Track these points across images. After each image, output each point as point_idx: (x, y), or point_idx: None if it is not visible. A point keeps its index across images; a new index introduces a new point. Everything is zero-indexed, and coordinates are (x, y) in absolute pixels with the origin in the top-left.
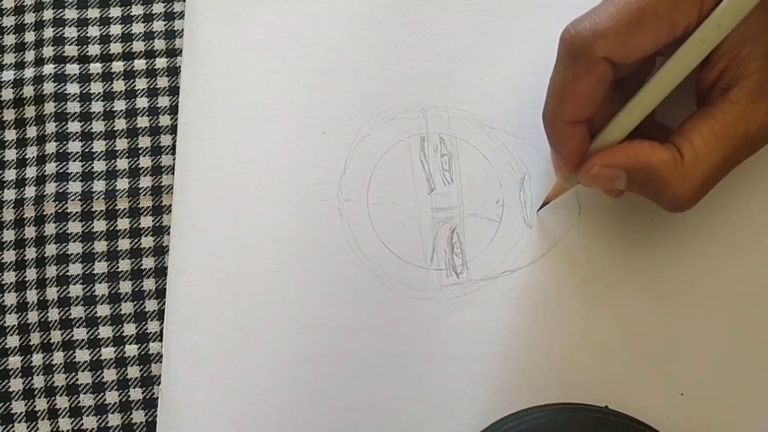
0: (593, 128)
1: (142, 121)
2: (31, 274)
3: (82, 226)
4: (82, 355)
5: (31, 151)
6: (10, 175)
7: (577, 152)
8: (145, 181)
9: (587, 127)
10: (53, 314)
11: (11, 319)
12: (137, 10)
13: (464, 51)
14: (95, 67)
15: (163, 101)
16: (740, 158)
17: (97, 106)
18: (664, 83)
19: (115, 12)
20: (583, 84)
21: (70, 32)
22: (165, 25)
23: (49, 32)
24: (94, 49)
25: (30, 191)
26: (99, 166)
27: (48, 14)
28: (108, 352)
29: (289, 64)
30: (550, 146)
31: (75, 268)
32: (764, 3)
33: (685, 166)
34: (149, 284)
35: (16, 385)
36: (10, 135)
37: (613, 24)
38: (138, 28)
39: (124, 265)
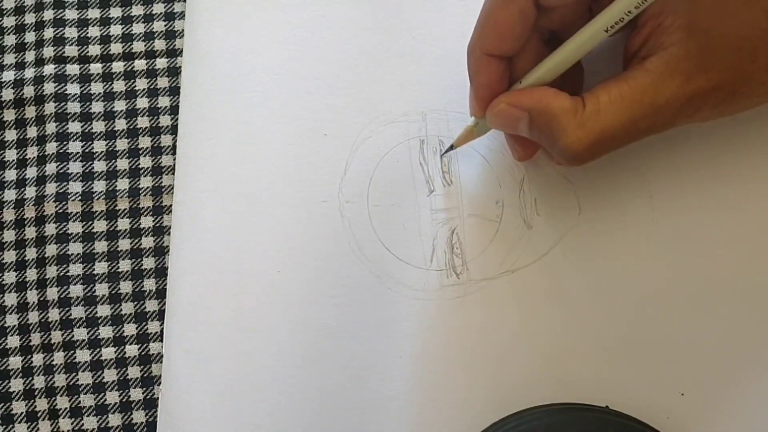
0: (515, 76)
1: (143, 122)
2: (31, 274)
3: (83, 227)
4: (83, 356)
5: (32, 152)
6: (11, 175)
7: (489, 87)
8: (146, 182)
9: (505, 67)
10: (54, 314)
11: (12, 320)
12: (137, 10)
13: (463, 55)
14: (95, 68)
15: (164, 101)
16: (642, 129)
17: (97, 107)
18: (584, 38)
19: (116, 12)
20: (503, 13)
21: (71, 32)
22: (165, 26)
23: (49, 32)
24: (94, 50)
25: (30, 191)
26: (99, 166)
27: (48, 14)
28: (108, 353)
29: (290, 66)
30: (469, 79)
31: (75, 269)
32: None
33: (584, 116)
34: (149, 284)
35: (16, 385)
36: (11, 135)
37: None
38: (138, 28)
39: (125, 265)
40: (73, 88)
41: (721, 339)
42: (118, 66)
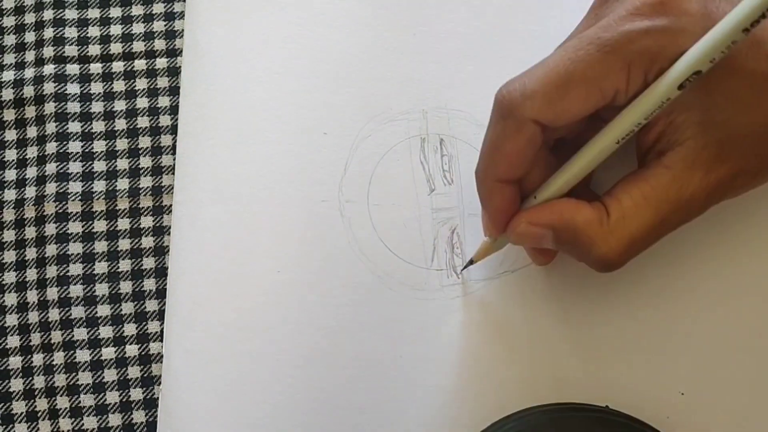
0: (526, 190)
1: (143, 122)
2: (31, 274)
3: (83, 227)
4: (83, 356)
5: (32, 152)
6: (11, 175)
7: (504, 212)
8: (146, 181)
9: (517, 189)
10: (54, 314)
11: (12, 320)
12: (137, 10)
13: (464, 52)
14: (95, 68)
15: (164, 101)
16: (672, 224)
17: (97, 107)
18: (594, 152)
19: (116, 12)
20: (511, 143)
21: (71, 32)
22: (165, 26)
23: (49, 32)
24: (94, 50)
25: (30, 191)
26: (99, 166)
27: (48, 14)
28: (108, 353)
29: (290, 65)
30: (481, 204)
31: (75, 269)
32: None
33: (610, 225)
34: (149, 284)
35: (16, 385)
36: (11, 135)
37: (541, 87)
38: (138, 28)
39: (125, 265)
40: (73, 88)
41: (721, 339)
42: (118, 66)
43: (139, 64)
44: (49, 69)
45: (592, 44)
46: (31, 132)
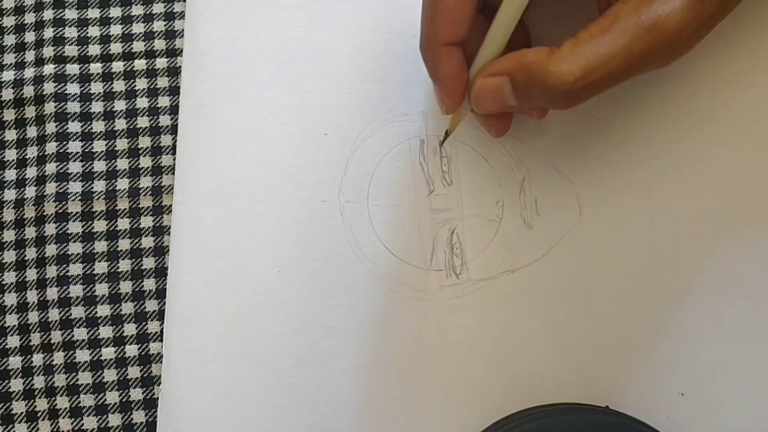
0: (469, 55)
1: (143, 121)
2: (31, 274)
3: (83, 227)
4: (83, 356)
5: (32, 151)
6: (10, 175)
7: (457, 77)
8: (146, 181)
9: (463, 53)
10: (53, 314)
11: (11, 320)
12: (137, 10)
13: None
14: (95, 67)
15: (164, 101)
16: (640, 51)
17: (97, 106)
18: None
19: (116, 12)
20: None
21: (71, 32)
22: (165, 25)
23: (49, 32)
24: (94, 49)
25: (30, 191)
26: (99, 166)
27: (48, 14)
28: (108, 353)
29: (290, 66)
30: (431, 77)
31: (75, 269)
32: None
33: (561, 51)
34: (149, 284)
35: (16, 385)
36: (11, 135)
37: None
38: (138, 28)
39: (125, 265)
40: (72, 88)
41: (721, 339)
42: (117, 66)
43: (139, 64)
44: (49, 69)
45: None
46: (31, 132)
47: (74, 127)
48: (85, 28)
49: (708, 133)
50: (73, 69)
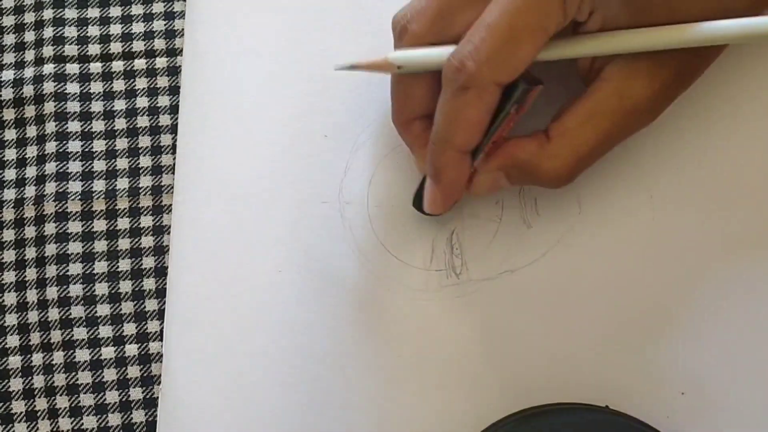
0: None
1: (142, 121)
2: (31, 273)
3: (82, 226)
4: (82, 355)
5: (31, 151)
6: (10, 174)
7: (460, 183)
8: (145, 181)
9: (470, 158)
10: (53, 314)
11: (11, 319)
12: (137, 9)
13: None
14: (95, 67)
15: (163, 101)
16: (619, 134)
17: (97, 106)
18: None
19: (115, 11)
20: (474, 111)
21: (70, 32)
22: (165, 25)
23: (48, 32)
24: (94, 49)
25: (30, 191)
26: (99, 165)
27: (48, 14)
28: (108, 352)
29: (291, 66)
30: (435, 181)
31: (75, 268)
32: None
33: (551, 147)
34: (149, 284)
35: (16, 384)
36: (10, 135)
37: (494, 49)
38: (138, 27)
39: (124, 264)
40: (72, 88)
41: (722, 339)
42: (117, 65)
43: (139, 64)
44: (48, 68)
45: None
46: (31, 131)
47: (74, 126)
48: (84, 28)
49: (708, 133)
50: (72, 68)
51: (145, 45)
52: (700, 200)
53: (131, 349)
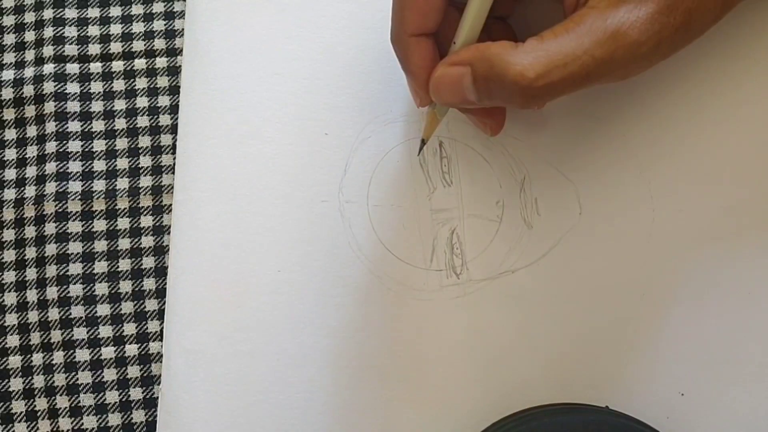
0: (442, 49)
1: (142, 121)
2: (31, 273)
3: (82, 226)
4: (82, 355)
5: (31, 151)
6: (10, 174)
7: (426, 69)
8: (146, 181)
9: (434, 43)
10: (53, 314)
11: (11, 319)
12: (137, 9)
13: None
14: (95, 67)
15: (163, 101)
16: (602, 57)
17: (97, 106)
18: None
19: (115, 11)
20: None
21: (70, 32)
22: (165, 25)
23: (49, 31)
24: (94, 49)
25: (30, 191)
26: (99, 165)
27: (48, 13)
28: (108, 352)
29: (290, 66)
30: (403, 69)
31: (75, 268)
32: None
33: (525, 46)
34: (149, 284)
35: (16, 384)
36: (10, 134)
37: None
38: (138, 27)
39: (124, 264)
40: (72, 87)
41: (721, 339)
42: (117, 65)
43: (139, 64)
44: (48, 68)
45: None
46: (31, 131)
47: (74, 126)
48: (84, 28)
49: (708, 133)
50: (72, 68)
51: (145, 45)
52: (700, 200)
53: (131, 349)
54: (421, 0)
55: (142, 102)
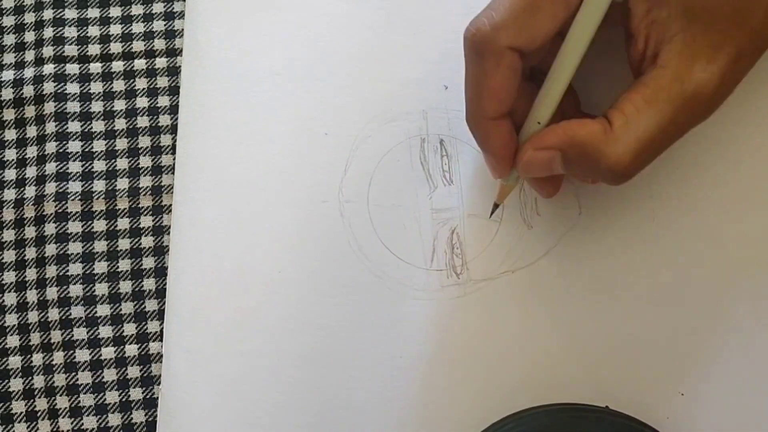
0: (517, 120)
1: (142, 121)
2: (31, 274)
3: (82, 226)
4: (82, 355)
5: (31, 151)
6: (10, 174)
7: (506, 147)
8: (145, 181)
9: (511, 121)
10: (53, 314)
11: (11, 319)
12: (137, 9)
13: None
14: (95, 67)
15: (163, 101)
16: (682, 124)
17: (97, 106)
18: (569, 54)
19: (115, 12)
20: (495, 78)
21: (70, 32)
22: (165, 25)
23: (48, 32)
24: (94, 49)
25: (30, 191)
26: (99, 165)
27: (48, 14)
28: (108, 352)
29: (290, 65)
30: (481, 149)
31: (75, 268)
32: None
33: (615, 132)
34: (149, 284)
35: (16, 385)
36: (10, 135)
37: (510, 14)
38: (138, 27)
39: (124, 265)
40: (72, 88)
41: (721, 339)
42: (117, 65)
43: (139, 64)
44: (48, 68)
45: None
46: (31, 131)
47: (74, 126)
48: (84, 28)
49: (708, 133)
50: (72, 69)
51: (145, 45)
52: (700, 200)
53: (131, 350)
54: (498, 86)
55: (142, 102)
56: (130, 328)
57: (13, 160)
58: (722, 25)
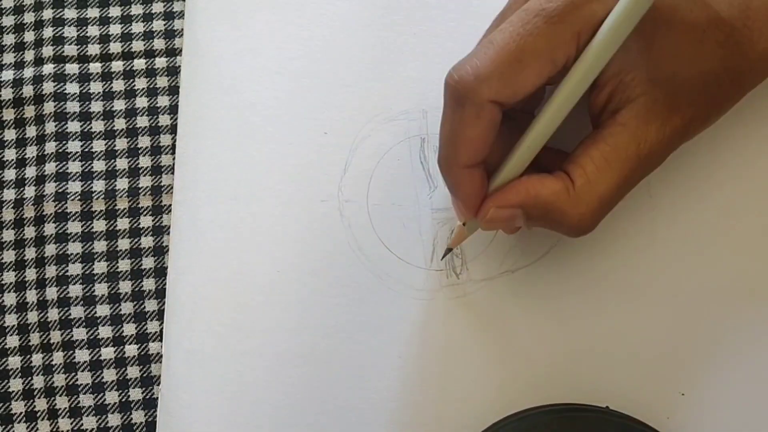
0: (490, 166)
1: (142, 121)
2: (30, 274)
3: (82, 226)
4: (82, 355)
5: (31, 151)
6: (10, 175)
7: (476, 195)
8: (145, 181)
9: (484, 169)
10: (53, 314)
11: (11, 319)
12: (137, 9)
13: (464, 52)
14: (95, 67)
15: (163, 101)
16: (635, 179)
17: (96, 106)
18: (550, 119)
19: (115, 11)
20: (473, 129)
21: (70, 32)
22: (165, 25)
23: (48, 32)
24: (93, 49)
25: (30, 191)
26: (98, 165)
27: (47, 14)
28: (108, 352)
29: (290, 65)
30: (450, 193)
31: (75, 268)
32: (643, 31)
33: (577, 192)
34: (149, 284)
35: (15, 385)
36: (10, 135)
37: (495, 67)
38: (137, 27)
39: (124, 265)
40: (72, 88)
41: (721, 339)
42: (117, 65)
43: (139, 64)
44: (48, 68)
45: (539, 16)
46: (31, 131)
47: (73, 126)
48: (84, 28)
49: (708, 132)
50: (72, 68)
51: (144, 45)
52: (700, 200)
53: (131, 350)
54: (475, 137)
55: (141, 102)
56: (129, 329)
57: (12, 160)
58: (684, 95)
